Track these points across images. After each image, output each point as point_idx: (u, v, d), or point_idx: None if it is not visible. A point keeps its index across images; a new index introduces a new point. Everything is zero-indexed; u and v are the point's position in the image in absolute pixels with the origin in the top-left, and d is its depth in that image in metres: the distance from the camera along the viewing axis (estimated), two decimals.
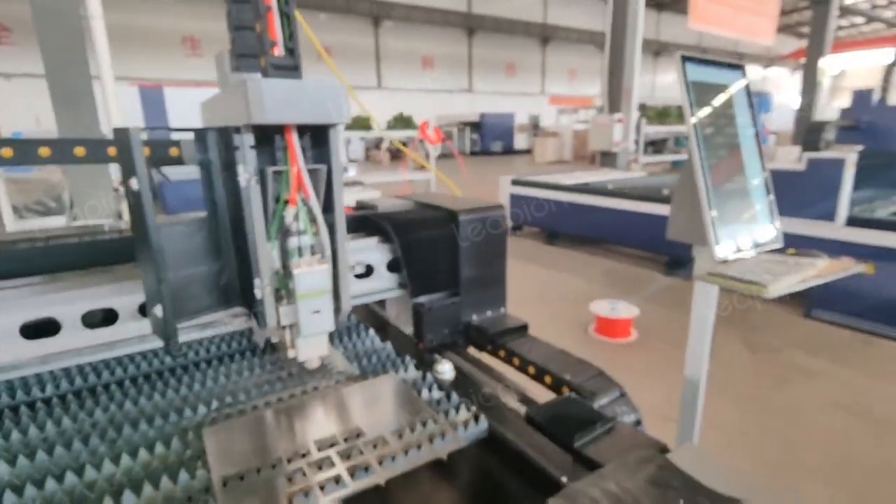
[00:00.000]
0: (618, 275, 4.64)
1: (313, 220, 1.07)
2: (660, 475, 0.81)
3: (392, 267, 1.51)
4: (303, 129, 1.06)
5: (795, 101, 11.78)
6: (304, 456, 0.87)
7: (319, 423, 1.01)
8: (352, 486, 0.81)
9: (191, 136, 1.11)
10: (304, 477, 0.82)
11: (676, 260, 4.53)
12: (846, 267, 1.23)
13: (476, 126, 22.22)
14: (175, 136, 1.19)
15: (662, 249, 4.62)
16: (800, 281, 1.11)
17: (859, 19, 21.99)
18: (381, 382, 1.16)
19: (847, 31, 30.02)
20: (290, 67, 1.01)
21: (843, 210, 3.24)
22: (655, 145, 12.81)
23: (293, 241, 1.06)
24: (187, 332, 1.26)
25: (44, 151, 1.13)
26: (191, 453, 0.90)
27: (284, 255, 1.08)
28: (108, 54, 4.28)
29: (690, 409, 1.25)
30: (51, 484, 0.78)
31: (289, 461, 0.85)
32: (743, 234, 1.29)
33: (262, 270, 1.05)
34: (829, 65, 11.46)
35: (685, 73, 1.13)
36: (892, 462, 2.03)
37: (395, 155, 19.50)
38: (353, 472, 0.82)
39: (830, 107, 13.41)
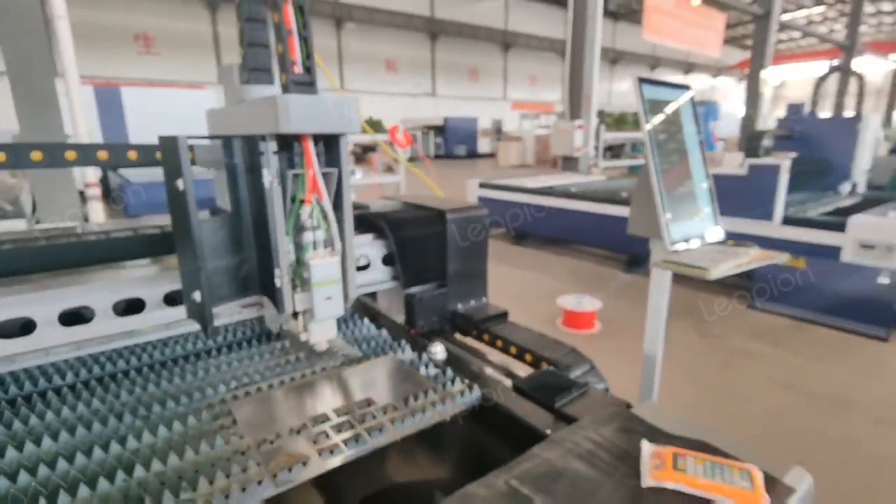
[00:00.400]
0: (582, 272, 4.91)
1: (325, 217, 1.21)
2: (627, 424, 0.99)
3: (386, 261, 1.66)
4: (317, 137, 1.20)
5: (741, 110, 12.59)
6: (324, 421, 1.01)
7: (334, 396, 1.14)
8: (370, 443, 0.95)
9: (203, 141, 1.22)
10: (328, 437, 0.95)
11: (635, 258, 4.83)
12: (771, 256, 1.47)
13: (440, 130, 22.45)
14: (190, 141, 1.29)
15: (623, 249, 4.92)
16: (735, 266, 1.33)
17: (797, 34, 23.66)
18: (383, 362, 1.31)
19: (786, 45, 32.21)
20: (307, 83, 1.16)
21: (779, 210, 3.60)
22: (613, 150, 13.38)
23: (307, 236, 1.20)
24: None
25: (70, 155, 1.21)
26: (221, 423, 1.02)
27: (298, 248, 1.21)
28: (72, 55, 4.20)
29: (649, 378, 1.45)
30: (98, 453, 0.88)
31: (313, 426, 0.99)
32: (690, 229, 1.51)
33: (281, 261, 1.17)
34: (770, 76, 12.29)
35: (642, 93, 1.33)
36: (821, 427, 2.32)
37: (359, 158, 19.47)
38: (370, 432, 0.96)
39: (771, 116, 14.38)
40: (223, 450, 0.92)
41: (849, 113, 4.88)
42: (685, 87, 1.51)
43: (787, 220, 3.62)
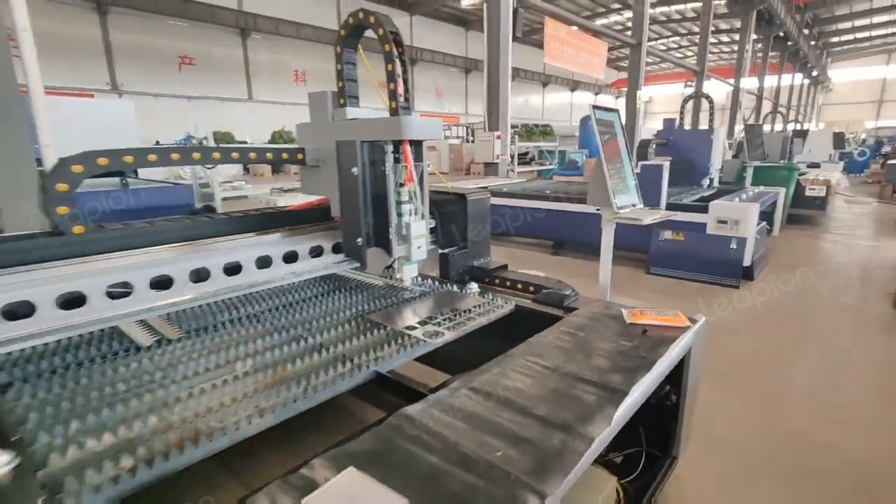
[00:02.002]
0: (517, 257, 5.88)
1: (416, 195, 1.95)
2: (606, 306, 1.84)
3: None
4: (410, 143, 1.94)
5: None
6: (426, 323, 1.75)
7: (418, 312, 1.87)
8: (448, 335, 1.70)
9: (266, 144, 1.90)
10: (417, 329, 1.68)
11: (559, 244, 5.91)
12: (667, 215, 2.42)
13: None
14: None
15: (549, 237, 5.98)
16: (652, 218, 2.26)
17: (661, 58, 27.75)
18: (445, 292, 2.07)
19: (651, 68, 37.23)
20: (407, 108, 1.91)
21: (663, 199, 4.83)
22: (522, 158, 14.94)
23: (406, 207, 1.93)
24: (333, 268, 2.02)
25: (234, 155, 1.81)
26: (370, 322, 1.72)
27: (399, 215, 1.93)
28: (36, 67, 4.25)
29: (604, 292, 2.33)
30: (286, 349, 1.55)
31: (406, 327, 1.71)
32: (625, 200, 2.42)
33: (392, 223, 1.90)
34: (641, 94, 14.52)
35: (594, 114, 2.21)
36: (713, 352, 3.42)
37: (276, 168, 19.26)
38: (457, 326, 1.71)
39: (646, 128, 16.93)
40: (378, 335, 1.63)
41: (704, 126, 6.43)
42: (616, 110, 2.43)
43: (669, 206, 4.87)
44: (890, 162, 11.92)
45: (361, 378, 1.40)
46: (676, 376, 1.78)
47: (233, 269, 1.68)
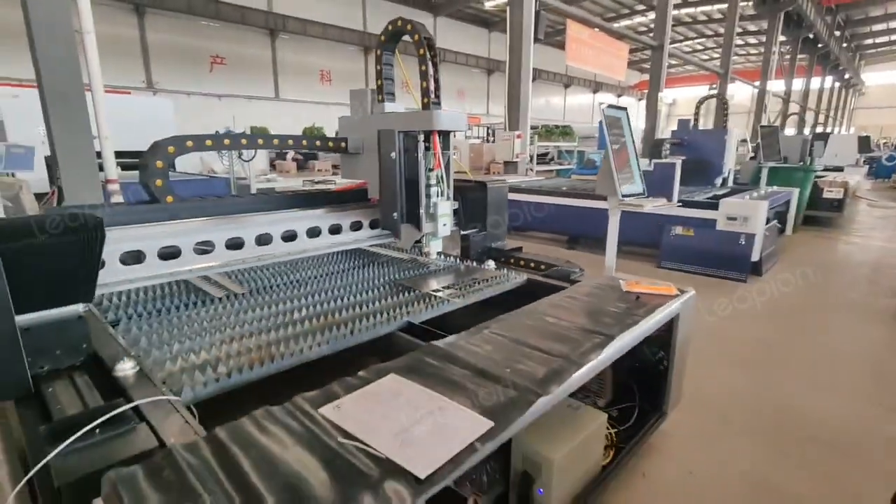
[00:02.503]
0: (533, 250, 6.11)
1: (443, 178, 2.25)
2: (607, 278, 2.11)
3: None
4: (439, 133, 2.23)
5: (641, 125, 14.77)
6: (448, 288, 2.03)
7: (442, 280, 2.15)
8: (468, 298, 1.97)
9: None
10: (441, 293, 1.97)
11: (574, 238, 6.14)
12: (670, 204, 2.66)
13: None
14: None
15: (564, 232, 6.21)
16: (653, 206, 2.50)
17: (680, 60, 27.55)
18: (465, 266, 2.36)
19: (676, 70, 36.84)
20: (437, 103, 2.20)
21: (675, 195, 5.03)
22: (542, 158, 15.12)
23: (434, 189, 2.22)
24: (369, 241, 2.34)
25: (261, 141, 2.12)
26: (402, 286, 2.02)
27: (428, 196, 2.22)
28: (98, 67, 4.69)
29: (610, 270, 2.58)
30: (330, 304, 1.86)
31: (432, 290, 1.99)
32: (630, 189, 2.67)
33: (422, 202, 2.19)
34: (664, 97, 14.55)
35: (604, 112, 2.47)
36: (702, 319, 3.63)
37: (301, 165, 19.82)
38: (464, 296, 1.98)
39: (667, 129, 16.95)
40: (409, 296, 1.92)
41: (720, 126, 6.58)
42: (624, 108, 2.68)
43: (682, 203, 5.06)
44: None
45: (396, 325, 1.70)
46: (667, 341, 2.03)
47: (289, 237, 2.00)
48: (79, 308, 1.40)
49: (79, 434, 0.98)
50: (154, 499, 0.80)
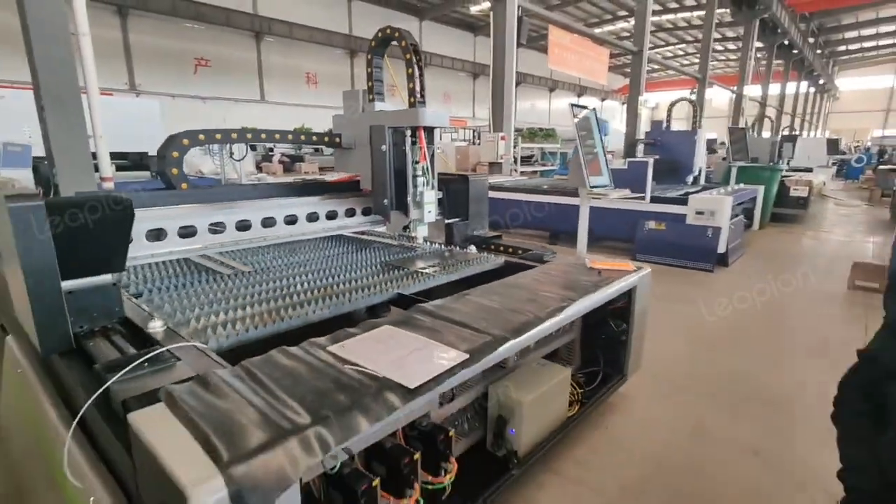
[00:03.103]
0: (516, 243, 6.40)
1: (428, 170, 2.49)
2: (576, 259, 2.39)
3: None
4: (424, 129, 2.47)
5: (624, 127, 15.18)
6: (426, 268, 2.28)
7: (428, 261, 2.39)
8: (452, 275, 2.22)
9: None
10: (427, 270, 2.23)
11: (555, 234, 6.43)
12: (630, 194, 2.95)
13: None
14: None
15: (546, 228, 6.50)
16: (618, 196, 2.78)
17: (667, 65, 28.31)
18: (449, 250, 2.60)
19: (658, 74, 37.69)
20: (423, 103, 2.45)
21: (648, 192, 5.34)
22: (526, 160, 15.47)
23: (420, 180, 2.46)
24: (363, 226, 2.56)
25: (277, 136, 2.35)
26: (392, 265, 2.27)
27: (415, 186, 2.47)
28: (94, 68, 4.84)
29: (582, 252, 2.85)
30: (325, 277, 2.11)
31: (419, 268, 2.25)
32: (598, 181, 2.95)
33: (409, 191, 2.43)
34: (645, 101, 14.98)
35: (573, 111, 2.75)
36: (673, 306, 3.92)
37: (288, 167, 19.90)
38: (448, 273, 2.23)
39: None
40: (398, 273, 2.17)
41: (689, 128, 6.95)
42: (593, 109, 2.96)
43: (653, 199, 5.38)
44: (880, 168, 12.35)
45: (388, 296, 1.93)
46: (627, 312, 2.30)
47: (291, 221, 2.23)
48: (112, 277, 1.61)
49: (132, 366, 1.20)
50: (206, 399, 1.03)
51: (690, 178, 6.43)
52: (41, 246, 1.38)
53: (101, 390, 1.15)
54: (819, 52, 33.12)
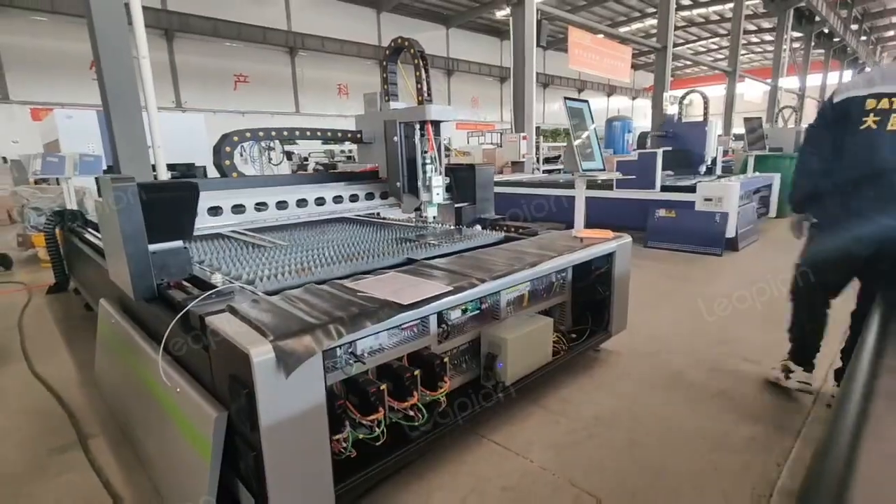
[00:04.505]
0: None
1: (436, 158, 2.90)
2: (566, 232, 2.76)
3: (447, 189, 3.31)
4: (431, 123, 2.87)
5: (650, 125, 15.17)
6: (432, 241, 2.68)
7: (437, 236, 2.78)
8: (454, 247, 2.60)
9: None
10: (433, 242, 2.62)
11: (571, 226, 6.70)
12: (619, 175, 3.25)
13: None
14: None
15: (562, 220, 6.78)
16: (608, 175, 3.10)
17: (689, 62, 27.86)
18: (456, 227, 2.98)
19: (692, 69, 36.94)
20: (430, 100, 2.86)
21: (658, 181, 5.56)
22: (549, 160, 15.70)
23: (429, 167, 2.87)
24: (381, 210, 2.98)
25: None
26: (404, 238, 2.67)
27: (424, 172, 2.87)
28: (152, 87, 5.52)
29: (578, 226, 3.19)
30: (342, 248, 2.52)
31: (430, 241, 2.65)
32: (590, 165, 3.27)
33: (419, 176, 2.84)
34: (669, 95, 14.93)
35: (567, 104, 3.09)
36: (679, 286, 4.17)
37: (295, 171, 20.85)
38: (452, 244, 2.61)
39: None
40: (411, 244, 2.56)
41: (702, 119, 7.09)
42: (585, 101, 3.30)
43: (664, 188, 5.60)
44: None
45: (400, 260, 2.33)
46: (608, 278, 2.63)
47: (320, 201, 2.67)
48: (182, 243, 2.08)
49: (203, 296, 1.65)
50: (257, 310, 1.45)
51: (703, 168, 6.57)
52: (135, 216, 1.86)
53: (184, 311, 1.59)
54: (864, 38, 31.71)
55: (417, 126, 2.79)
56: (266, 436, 1.24)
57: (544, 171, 12.91)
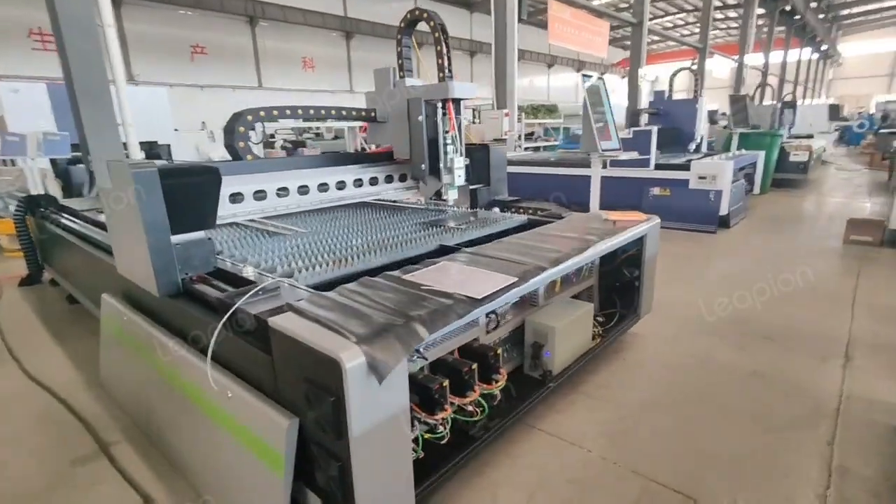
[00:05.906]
0: None
1: (457, 138, 2.77)
2: (590, 213, 2.68)
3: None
4: (453, 101, 2.73)
5: (624, 101, 15.28)
6: (460, 226, 2.58)
7: (462, 220, 2.68)
8: (483, 231, 2.50)
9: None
10: (462, 228, 2.52)
11: (565, 205, 6.69)
12: (636, 156, 3.21)
13: None
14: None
15: (554, 200, 6.76)
16: (626, 156, 3.05)
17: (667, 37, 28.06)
18: (478, 211, 2.88)
19: (658, 46, 37.29)
20: (450, 77, 2.71)
21: (652, 159, 5.59)
22: (528, 136, 15.63)
23: (450, 148, 2.74)
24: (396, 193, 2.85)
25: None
26: (425, 222, 2.56)
27: (446, 153, 2.74)
28: (120, 59, 5.06)
29: (595, 208, 3.14)
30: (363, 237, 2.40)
31: (454, 225, 2.54)
32: (608, 145, 3.21)
33: (441, 158, 2.71)
34: (644, 73, 15.02)
35: (584, 80, 2.99)
36: (678, 264, 4.22)
37: (290, 154, 20.08)
38: (481, 228, 2.51)
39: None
40: (437, 230, 2.45)
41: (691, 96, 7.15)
42: (602, 78, 3.21)
43: (658, 166, 5.63)
44: (880, 131, 12.49)
45: (432, 247, 2.22)
46: (638, 260, 2.60)
47: (339, 185, 2.51)
48: (205, 233, 1.91)
49: (250, 293, 1.50)
50: (321, 308, 1.33)
51: (693, 146, 6.65)
52: (157, 204, 1.67)
53: (231, 310, 1.45)
54: (822, 16, 32.67)
55: (439, 105, 2.64)
56: (356, 444, 1.15)
57: (526, 149, 12.84)
